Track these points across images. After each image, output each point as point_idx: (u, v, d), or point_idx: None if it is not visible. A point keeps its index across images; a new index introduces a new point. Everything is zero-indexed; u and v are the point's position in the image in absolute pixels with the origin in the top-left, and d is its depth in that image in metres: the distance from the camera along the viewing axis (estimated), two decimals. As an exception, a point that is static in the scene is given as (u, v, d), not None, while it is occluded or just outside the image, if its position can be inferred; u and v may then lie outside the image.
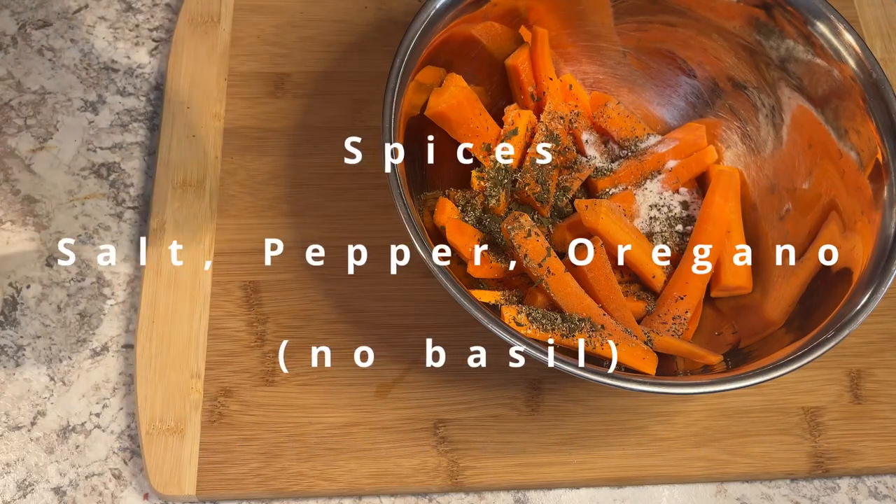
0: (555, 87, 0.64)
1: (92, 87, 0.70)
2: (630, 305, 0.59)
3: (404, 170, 0.54)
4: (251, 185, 0.65)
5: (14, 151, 0.67)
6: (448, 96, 0.59)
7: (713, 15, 0.62)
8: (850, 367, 0.63)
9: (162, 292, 0.61)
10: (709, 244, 0.60)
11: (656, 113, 0.67)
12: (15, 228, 0.64)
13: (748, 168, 0.64)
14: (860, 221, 0.56)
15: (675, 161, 0.64)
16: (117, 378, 0.60)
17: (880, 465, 0.60)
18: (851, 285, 0.54)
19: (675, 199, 0.64)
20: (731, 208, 0.62)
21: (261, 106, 0.68)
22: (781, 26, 0.60)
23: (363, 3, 0.73)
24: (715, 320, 0.61)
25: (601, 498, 0.59)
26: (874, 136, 0.56)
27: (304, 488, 0.57)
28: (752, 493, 0.60)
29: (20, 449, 0.58)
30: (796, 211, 0.61)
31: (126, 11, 0.73)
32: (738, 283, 0.61)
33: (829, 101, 0.59)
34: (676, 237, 0.63)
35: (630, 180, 0.64)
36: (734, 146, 0.65)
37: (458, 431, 0.59)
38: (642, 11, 0.64)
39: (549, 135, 0.62)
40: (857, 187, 0.57)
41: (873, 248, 0.54)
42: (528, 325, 0.53)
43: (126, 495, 0.57)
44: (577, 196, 0.63)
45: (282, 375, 0.60)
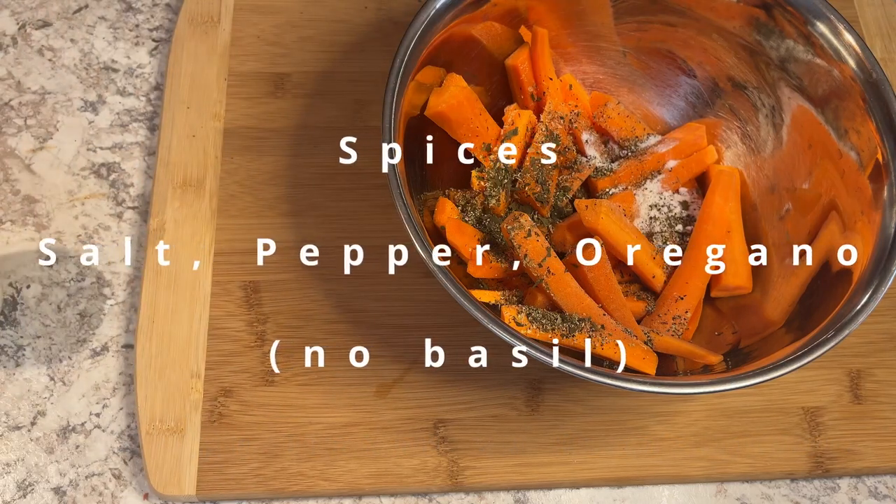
0: (555, 87, 0.64)
1: (92, 87, 0.70)
2: (630, 305, 0.59)
3: (404, 170, 0.54)
4: (251, 185, 0.65)
5: (14, 151, 0.67)
6: (448, 96, 0.59)
7: (713, 15, 0.62)
8: (850, 367, 0.63)
9: (162, 292, 0.61)
10: (709, 244, 0.60)
11: (656, 113, 0.67)
12: (15, 228, 0.64)
13: (748, 168, 0.64)
14: (860, 221, 0.56)
15: (675, 161, 0.64)
16: (117, 378, 0.60)
17: (880, 465, 0.60)
18: (851, 285, 0.54)
19: (675, 199, 0.64)
20: (731, 208, 0.62)
21: (261, 106, 0.68)
22: (781, 26, 0.60)
23: (363, 3, 0.73)
24: (715, 320, 0.61)
25: (601, 498, 0.59)
26: (874, 136, 0.56)
27: (304, 488, 0.57)
28: (752, 493, 0.60)
29: (20, 449, 0.58)
30: (796, 211, 0.61)
31: (126, 11, 0.73)
32: (738, 283, 0.61)
33: (829, 101, 0.59)
34: (676, 237, 0.63)
35: (630, 180, 0.64)
36: (734, 146, 0.65)
37: (458, 431, 0.59)
38: (642, 11, 0.64)
39: (549, 135, 0.62)
40: (857, 187, 0.57)
41: (873, 248, 0.54)
42: (528, 325, 0.53)
43: (126, 495, 0.57)
44: (577, 196, 0.63)
45: (282, 375, 0.60)
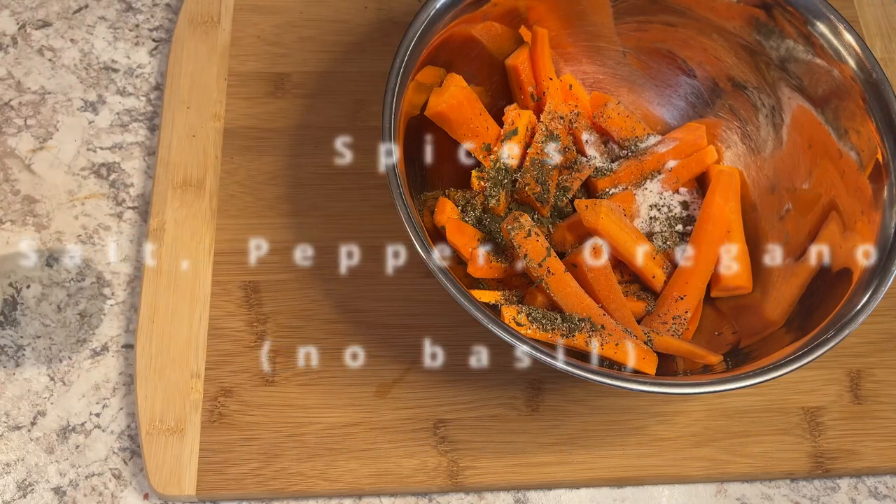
0: (555, 87, 0.64)
1: (92, 87, 0.70)
2: (630, 305, 0.59)
3: (404, 170, 0.54)
4: (251, 185, 0.65)
5: (14, 151, 0.67)
6: (448, 96, 0.59)
7: (713, 15, 0.62)
8: (850, 367, 0.63)
9: (162, 292, 0.61)
10: (709, 244, 0.60)
11: (656, 113, 0.67)
12: (15, 228, 0.64)
13: (748, 168, 0.64)
14: (860, 221, 0.56)
15: (675, 161, 0.64)
16: (117, 378, 0.60)
17: (880, 465, 0.60)
18: (851, 285, 0.54)
19: (675, 199, 0.64)
20: (731, 208, 0.62)
21: (261, 106, 0.68)
22: (781, 26, 0.60)
23: (363, 3, 0.73)
24: (715, 320, 0.61)
25: (601, 498, 0.59)
26: (874, 136, 0.56)
27: (304, 488, 0.57)
28: (752, 493, 0.60)
29: (20, 449, 0.58)
30: (796, 211, 0.61)
31: (126, 11, 0.73)
32: (738, 283, 0.61)
33: (829, 101, 0.59)
34: (676, 237, 0.63)
35: (630, 180, 0.64)
36: (734, 146, 0.65)
37: (458, 431, 0.59)
38: (642, 11, 0.64)
39: (549, 135, 0.62)
40: (857, 187, 0.57)
41: (873, 248, 0.54)
42: (528, 325, 0.53)
43: (126, 495, 0.57)
44: (577, 196, 0.63)
45: (282, 375, 0.60)
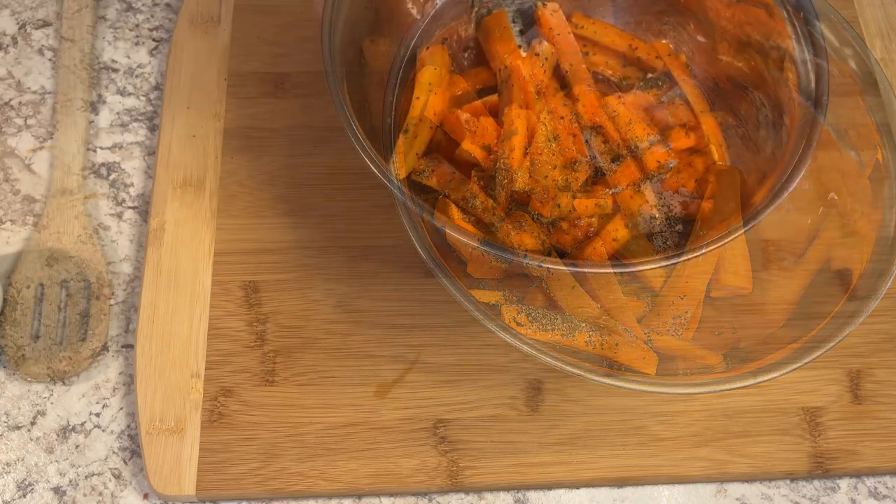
0: (554, 87, 0.64)
1: (92, 87, 0.70)
2: (630, 305, 0.59)
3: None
4: (251, 185, 0.65)
5: (14, 151, 0.67)
6: (447, 97, 0.59)
7: (713, 14, 0.62)
8: (850, 367, 0.63)
9: (162, 292, 0.61)
10: (709, 244, 0.60)
11: (656, 112, 0.67)
12: (15, 228, 0.64)
13: (748, 168, 0.64)
14: (860, 221, 0.56)
15: (675, 161, 0.64)
16: (117, 378, 0.60)
17: (880, 466, 0.60)
18: (851, 285, 0.54)
19: (675, 199, 0.64)
20: (731, 208, 0.62)
21: (261, 106, 0.68)
22: (781, 26, 0.60)
23: (363, 3, 0.73)
24: (715, 320, 0.61)
25: (601, 498, 0.59)
26: (874, 136, 0.56)
27: (304, 488, 0.57)
28: (752, 493, 0.60)
29: (20, 449, 0.58)
30: (796, 211, 0.61)
31: (126, 11, 0.73)
32: (738, 283, 0.60)
33: (828, 101, 0.59)
34: (676, 237, 0.63)
35: (630, 180, 0.63)
36: (734, 146, 0.65)
37: (458, 431, 0.59)
38: (642, 11, 0.64)
39: (550, 135, 0.62)
40: (857, 187, 0.57)
41: (873, 249, 0.54)
42: (528, 325, 0.53)
43: (126, 495, 0.57)
44: (578, 196, 0.63)
45: (281, 375, 0.60)
